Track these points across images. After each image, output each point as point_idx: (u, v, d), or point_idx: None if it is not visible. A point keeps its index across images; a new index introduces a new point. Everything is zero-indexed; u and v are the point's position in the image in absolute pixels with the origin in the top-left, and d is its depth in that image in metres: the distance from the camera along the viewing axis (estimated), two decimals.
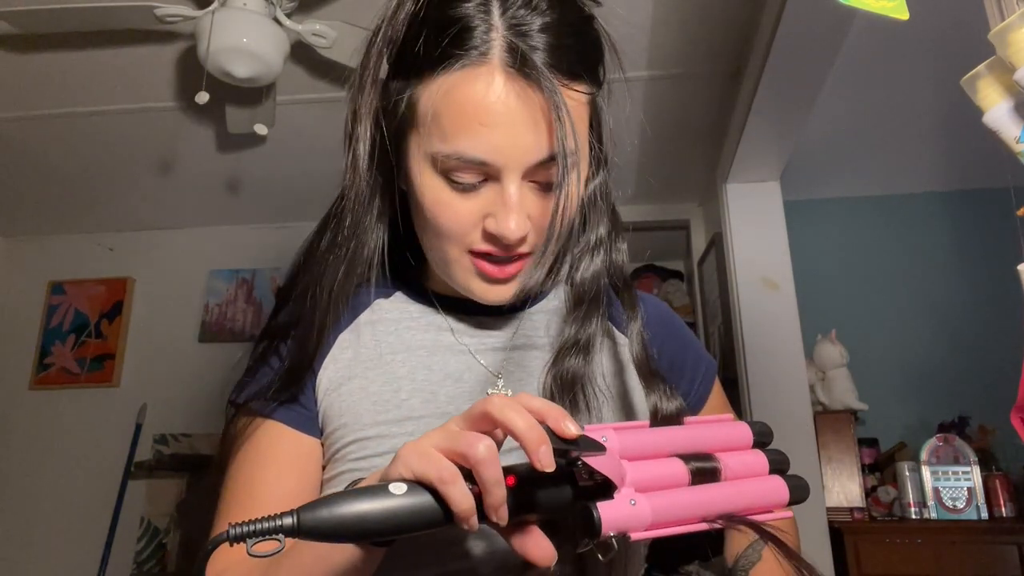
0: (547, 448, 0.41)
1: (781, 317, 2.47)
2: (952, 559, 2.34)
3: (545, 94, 0.56)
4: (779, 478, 0.50)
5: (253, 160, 2.81)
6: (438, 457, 0.42)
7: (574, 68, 0.59)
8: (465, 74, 0.56)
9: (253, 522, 0.39)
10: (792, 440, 2.28)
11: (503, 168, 0.57)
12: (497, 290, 0.64)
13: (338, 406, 0.66)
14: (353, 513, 0.40)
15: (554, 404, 0.45)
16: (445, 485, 0.41)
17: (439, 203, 0.60)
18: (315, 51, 2.00)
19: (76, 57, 2.19)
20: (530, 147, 0.57)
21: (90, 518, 2.97)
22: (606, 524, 0.43)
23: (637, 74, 2.28)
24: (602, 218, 0.67)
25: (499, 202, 0.59)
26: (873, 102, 2.51)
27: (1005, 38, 0.48)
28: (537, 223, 0.61)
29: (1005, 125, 0.51)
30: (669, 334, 0.77)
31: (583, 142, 0.62)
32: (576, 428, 0.43)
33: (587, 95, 0.61)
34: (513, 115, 0.56)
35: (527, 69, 0.56)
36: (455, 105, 0.57)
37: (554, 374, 0.62)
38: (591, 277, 0.66)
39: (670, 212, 3.27)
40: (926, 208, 3.13)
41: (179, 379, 3.14)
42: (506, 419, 0.42)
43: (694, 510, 0.46)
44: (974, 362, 2.82)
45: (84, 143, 2.70)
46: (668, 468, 0.47)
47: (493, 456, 0.42)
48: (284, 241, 3.24)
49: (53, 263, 3.44)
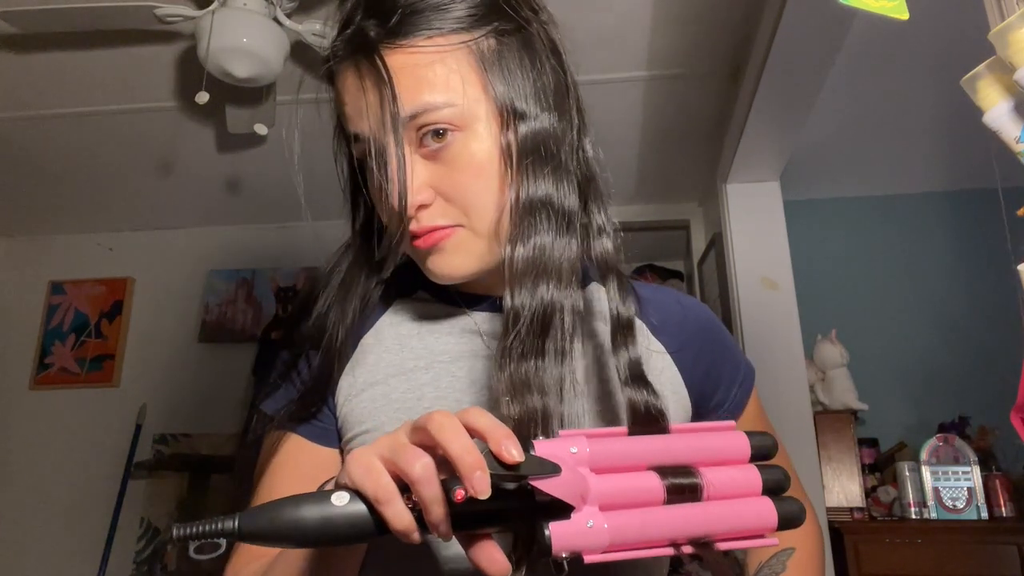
0: (482, 475, 0.39)
1: (781, 317, 2.47)
2: (952, 559, 2.34)
3: (366, 64, 0.58)
4: (768, 500, 0.46)
5: (253, 160, 2.81)
6: (379, 472, 0.41)
7: (418, 23, 0.58)
8: (337, 73, 0.62)
9: (196, 524, 0.39)
10: (792, 440, 2.28)
11: (373, 138, 0.59)
12: (438, 263, 0.61)
13: (359, 412, 0.65)
14: (292, 520, 0.40)
15: (501, 424, 0.42)
16: (380, 504, 0.41)
17: (370, 193, 0.64)
18: (315, 51, 2.00)
19: (76, 57, 2.20)
20: (378, 113, 0.58)
21: (90, 518, 2.97)
22: (557, 545, 0.41)
23: (637, 74, 2.28)
24: (536, 174, 0.57)
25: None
26: (873, 102, 2.52)
27: (1005, 38, 0.48)
28: (443, 191, 0.59)
29: (1005, 125, 0.51)
30: (708, 340, 0.74)
31: (463, 94, 0.58)
32: (519, 454, 0.41)
33: (451, 45, 0.58)
34: (357, 89, 0.59)
35: (356, 50, 0.59)
36: (336, 99, 0.63)
37: (508, 377, 0.53)
38: (529, 256, 0.55)
39: (670, 212, 3.27)
40: (926, 208, 3.13)
41: (179, 379, 3.14)
42: (442, 440, 0.40)
43: (663, 531, 0.43)
44: (974, 362, 2.82)
45: (84, 143, 2.70)
46: (640, 482, 0.44)
47: (430, 476, 0.40)
48: (284, 241, 3.24)
49: (53, 263, 3.44)
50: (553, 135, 0.59)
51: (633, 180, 2.98)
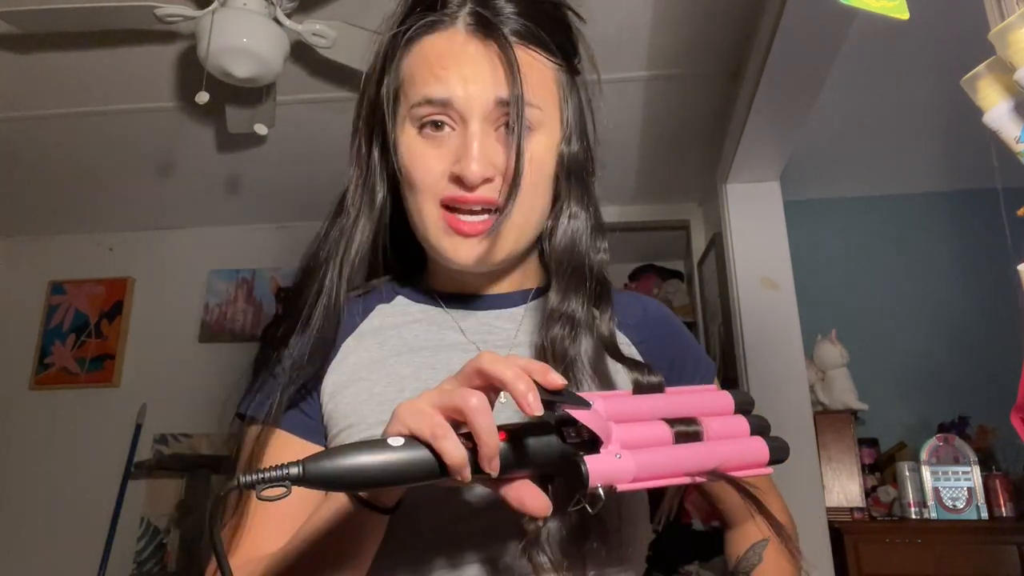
0: (535, 395, 0.44)
1: (781, 317, 2.47)
2: (952, 559, 2.34)
3: (499, 45, 0.64)
4: (760, 439, 0.52)
5: (253, 160, 2.81)
6: (432, 413, 0.45)
7: (536, 35, 0.67)
8: (434, 36, 0.66)
9: (262, 470, 0.42)
10: (792, 440, 2.26)
11: (464, 108, 0.63)
12: (465, 248, 0.66)
13: (343, 408, 0.66)
14: (354, 464, 0.43)
15: (538, 362, 0.47)
16: (438, 439, 0.44)
17: (413, 155, 0.66)
18: (315, 51, 2.00)
19: (76, 57, 2.20)
20: (487, 84, 0.63)
21: (90, 518, 2.97)
22: (593, 475, 0.45)
23: (637, 74, 2.28)
24: (575, 194, 0.68)
25: (463, 146, 0.64)
26: (873, 102, 2.51)
27: (1005, 38, 0.48)
28: (503, 173, 0.64)
29: (1005, 125, 0.51)
30: (669, 335, 0.78)
31: (546, 104, 0.67)
32: (561, 380, 0.46)
33: (551, 63, 0.68)
34: (470, 59, 0.64)
35: (487, 30, 0.64)
36: (423, 59, 0.66)
37: (543, 342, 0.63)
38: (567, 243, 0.67)
39: (670, 212, 3.27)
40: (926, 208, 3.13)
41: (179, 379, 3.14)
42: (495, 371, 0.45)
43: (678, 465, 0.48)
44: (974, 362, 2.82)
45: (84, 143, 2.70)
46: (652, 430, 0.49)
47: (485, 407, 0.44)
48: (284, 241, 3.25)
49: (53, 263, 3.44)
50: (588, 165, 0.70)
51: (633, 180, 2.98)
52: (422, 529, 0.61)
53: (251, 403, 0.69)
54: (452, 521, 0.61)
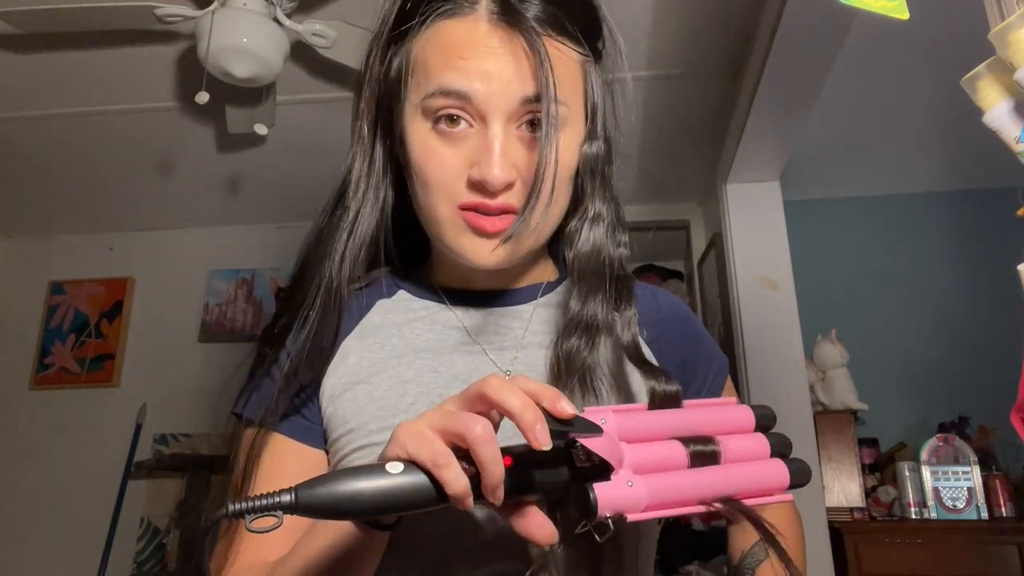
0: (543, 427, 0.41)
1: (781, 317, 2.47)
2: (952, 559, 2.33)
3: (526, 38, 0.58)
4: (780, 461, 0.50)
5: (253, 160, 2.81)
6: (433, 439, 0.42)
7: (563, 26, 0.61)
8: (452, 22, 0.61)
9: (253, 498, 0.40)
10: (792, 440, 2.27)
11: (485, 106, 0.59)
12: (486, 248, 0.61)
13: (343, 412, 0.64)
14: (349, 491, 0.41)
15: (550, 386, 0.44)
16: (439, 468, 0.41)
17: (427, 152, 0.61)
18: (315, 51, 2.00)
19: (76, 57, 2.20)
20: (511, 82, 0.58)
21: (90, 518, 2.97)
22: (602, 505, 0.43)
23: (637, 74, 2.28)
24: (599, 192, 0.65)
25: (483, 148, 0.59)
26: (873, 102, 2.51)
27: (1005, 38, 0.48)
28: (524, 176, 0.60)
29: (1005, 125, 0.51)
30: (683, 332, 0.76)
31: (572, 100, 0.63)
32: (572, 409, 0.43)
33: (578, 55, 0.63)
34: (494, 52, 0.59)
35: (511, 19, 0.59)
36: (439, 46, 0.61)
37: (558, 354, 0.61)
38: (590, 249, 0.64)
39: (670, 212, 3.27)
40: (926, 208, 3.13)
41: (179, 379, 3.14)
42: (502, 399, 0.42)
43: (692, 492, 0.46)
44: (974, 362, 2.81)
45: (84, 143, 2.70)
46: (667, 450, 0.47)
47: (490, 436, 0.41)
48: (284, 241, 3.25)
49: (53, 263, 3.44)
50: (610, 159, 0.66)
51: (633, 180, 2.98)
52: (431, 538, 0.60)
53: (247, 403, 0.67)
54: (460, 533, 0.60)
